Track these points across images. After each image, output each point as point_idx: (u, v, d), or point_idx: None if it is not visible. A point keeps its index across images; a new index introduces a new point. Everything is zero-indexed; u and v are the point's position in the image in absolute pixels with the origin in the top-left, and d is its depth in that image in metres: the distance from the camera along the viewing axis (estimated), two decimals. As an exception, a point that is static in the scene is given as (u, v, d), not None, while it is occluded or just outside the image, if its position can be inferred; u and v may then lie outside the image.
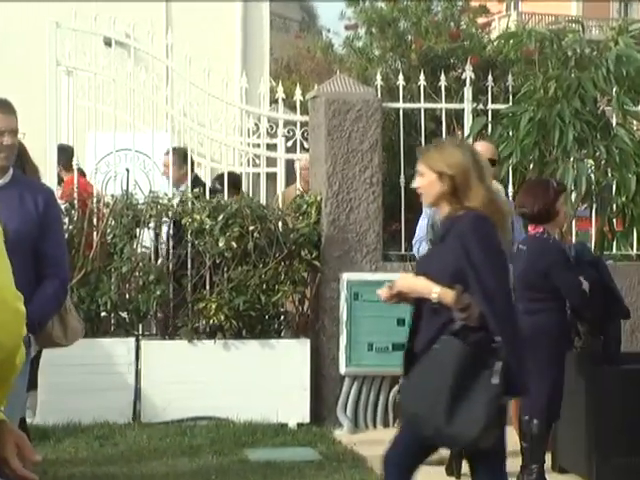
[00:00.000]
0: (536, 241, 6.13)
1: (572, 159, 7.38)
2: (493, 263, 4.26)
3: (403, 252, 8.21)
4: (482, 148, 7.10)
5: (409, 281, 4.50)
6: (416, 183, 4.52)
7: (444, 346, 4.22)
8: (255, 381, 7.80)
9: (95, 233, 7.98)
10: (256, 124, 9.60)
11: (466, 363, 4.17)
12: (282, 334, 8.19)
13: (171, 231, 8.06)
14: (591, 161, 7.57)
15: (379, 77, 8.60)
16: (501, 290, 4.27)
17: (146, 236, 8.08)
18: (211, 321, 7.87)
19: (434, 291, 4.29)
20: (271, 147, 9.51)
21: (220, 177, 9.12)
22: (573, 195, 7.40)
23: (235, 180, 8.90)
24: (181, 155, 8.89)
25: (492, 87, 8.65)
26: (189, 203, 8.04)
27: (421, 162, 4.47)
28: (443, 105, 8.75)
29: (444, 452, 6.49)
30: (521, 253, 6.18)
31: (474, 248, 4.23)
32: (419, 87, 8.75)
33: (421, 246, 6.87)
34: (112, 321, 8.09)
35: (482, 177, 4.38)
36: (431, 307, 4.33)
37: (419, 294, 4.38)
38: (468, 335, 4.21)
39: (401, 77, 8.65)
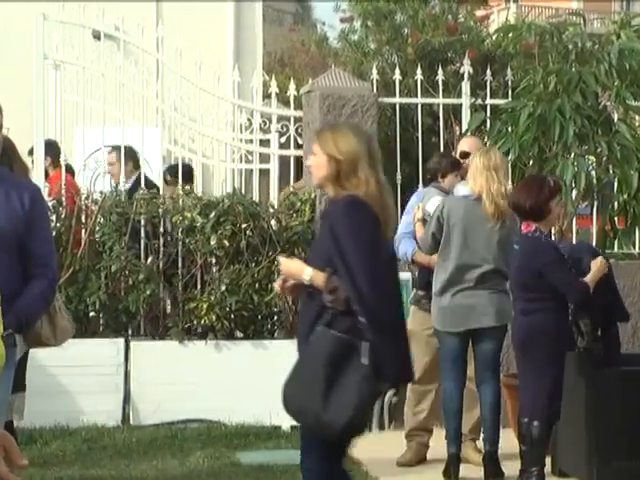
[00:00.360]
0: (528, 240, 6.05)
1: (572, 155, 7.28)
2: (360, 248, 4.30)
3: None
4: (468, 144, 6.99)
5: (286, 264, 4.58)
6: (308, 161, 4.61)
7: (318, 337, 4.31)
8: (247, 382, 7.72)
9: (83, 231, 7.92)
10: (249, 119, 9.54)
11: (339, 352, 4.25)
12: (275, 334, 8.13)
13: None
14: (592, 157, 7.46)
15: (375, 71, 8.59)
16: (367, 275, 4.28)
17: None
18: (202, 321, 7.82)
19: (306, 273, 4.38)
20: (264, 143, 9.42)
21: (170, 168, 9.09)
22: (574, 192, 7.30)
23: (185, 171, 8.78)
24: (123, 153, 8.77)
25: (491, 82, 8.63)
26: (180, 200, 7.94)
27: (315, 142, 4.54)
28: (440, 100, 8.72)
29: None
30: (514, 252, 6.10)
31: (341, 232, 4.32)
32: (416, 82, 8.71)
33: (400, 244, 6.64)
34: (101, 321, 8.03)
35: (374, 166, 4.42)
36: (307, 291, 4.40)
37: (294, 277, 4.47)
38: (341, 322, 4.28)
39: (397, 71, 8.64)
